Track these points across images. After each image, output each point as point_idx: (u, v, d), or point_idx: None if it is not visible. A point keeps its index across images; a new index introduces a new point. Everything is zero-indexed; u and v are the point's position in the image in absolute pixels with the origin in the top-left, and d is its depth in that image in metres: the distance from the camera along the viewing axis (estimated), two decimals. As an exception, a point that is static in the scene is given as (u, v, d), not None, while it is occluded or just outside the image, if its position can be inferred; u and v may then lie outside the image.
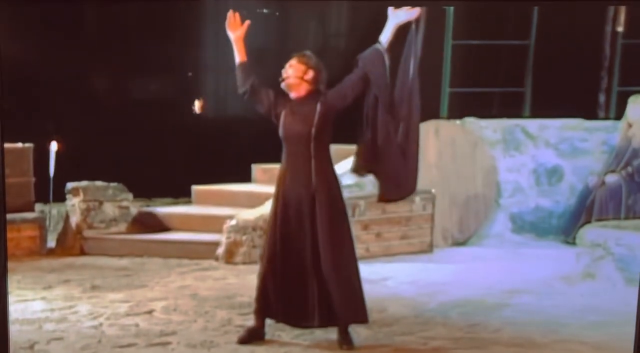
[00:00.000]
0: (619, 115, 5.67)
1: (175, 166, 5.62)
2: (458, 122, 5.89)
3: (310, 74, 4.31)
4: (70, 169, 5.53)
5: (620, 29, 5.69)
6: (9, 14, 4.40)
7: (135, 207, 5.82)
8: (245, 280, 5.17)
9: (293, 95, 4.29)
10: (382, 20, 5.05)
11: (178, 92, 5.51)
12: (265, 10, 5.23)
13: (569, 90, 5.61)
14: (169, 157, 5.61)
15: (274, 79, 5.12)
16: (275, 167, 5.77)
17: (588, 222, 5.59)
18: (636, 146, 5.58)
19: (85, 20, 5.25)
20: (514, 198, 5.90)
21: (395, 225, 5.55)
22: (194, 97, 5.50)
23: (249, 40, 4.58)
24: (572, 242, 5.53)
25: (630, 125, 5.60)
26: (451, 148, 5.84)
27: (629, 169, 5.58)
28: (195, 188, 5.94)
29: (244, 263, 5.42)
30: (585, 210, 5.66)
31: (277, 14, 5.41)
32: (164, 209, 5.91)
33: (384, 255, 5.54)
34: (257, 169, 5.99)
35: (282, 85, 4.30)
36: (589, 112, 5.82)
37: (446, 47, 5.84)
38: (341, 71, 4.92)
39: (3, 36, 3.98)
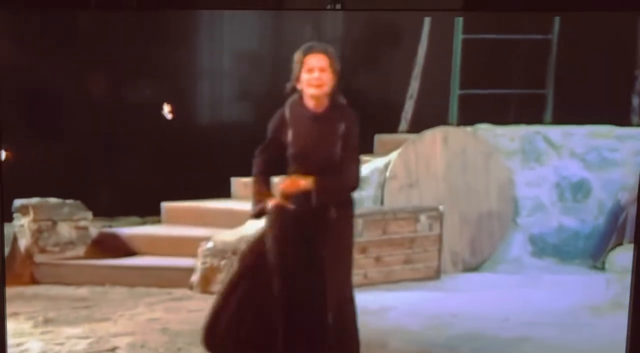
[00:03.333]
0: (654, 121, 5.69)
1: (142, 180, 5.64)
2: (469, 129, 5.93)
3: (334, 82, 4.53)
4: (19, 183, 5.54)
5: (652, 22, 5.70)
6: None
7: (95, 228, 5.84)
8: (224, 312, 5.18)
9: (313, 107, 4.48)
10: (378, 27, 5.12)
11: (146, 97, 5.54)
12: None
13: (598, 92, 5.61)
14: (135, 169, 5.63)
15: (271, 84, 5.23)
16: (259, 181, 5.83)
17: (619, 244, 5.62)
18: (674, 156, 5.61)
19: (41, 22, 5.29)
20: (534, 217, 5.92)
21: (397, 248, 5.59)
22: (163, 102, 5.53)
23: (246, 43, 4.74)
24: (601, 267, 5.57)
25: (667, 132, 5.64)
26: (461, 159, 5.87)
27: (665, 182, 5.62)
28: (165, 205, 5.95)
29: (223, 292, 5.44)
30: (616, 231, 5.68)
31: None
32: (129, 230, 5.91)
33: (385, 282, 5.57)
34: (237, 182, 6.02)
35: (312, 91, 4.47)
36: (621, 118, 5.81)
37: (456, 42, 5.88)
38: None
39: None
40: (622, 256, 5.41)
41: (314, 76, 4.63)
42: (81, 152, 5.53)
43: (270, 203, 4.66)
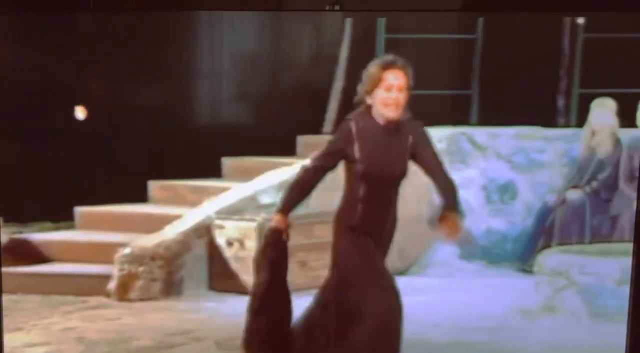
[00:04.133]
0: (581, 122, 5.74)
1: (55, 183, 5.53)
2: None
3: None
4: None
5: (581, 20, 5.75)
6: None
7: (5, 234, 5.70)
8: (144, 320, 5.13)
9: (383, 122, 4.35)
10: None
11: (59, 94, 5.43)
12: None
13: (523, 92, 5.65)
14: (48, 172, 5.52)
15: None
16: (178, 184, 5.79)
17: (548, 246, 5.67)
18: (602, 157, 5.67)
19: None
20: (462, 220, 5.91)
21: (323, 252, 5.51)
22: (77, 101, 5.44)
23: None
24: (530, 270, 5.60)
25: (594, 133, 5.70)
26: None
27: (594, 184, 5.68)
28: (79, 210, 5.85)
29: (142, 299, 5.38)
30: (544, 233, 5.74)
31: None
32: (42, 236, 5.82)
33: (311, 288, 5.50)
34: (154, 186, 5.94)
35: (388, 113, 4.34)
36: (547, 119, 5.87)
37: (378, 41, 5.87)
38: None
39: None
40: (551, 258, 5.48)
41: (391, 96, 4.38)
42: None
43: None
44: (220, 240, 5.60)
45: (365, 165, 4.34)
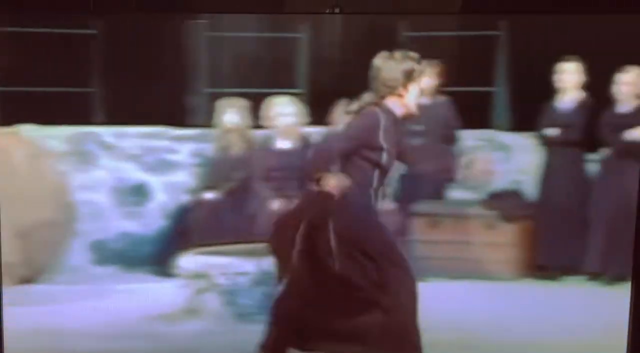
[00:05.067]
0: (210, 122, 5.68)
1: None
2: (12, 130, 5.56)
3: None
4: None
5: (203, 20, 5.73)
6: None
7: None
8: None
9: (403, 113, 4.71)
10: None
11: None
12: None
13: (151, 91, 5.54)
14: None
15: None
16: None
17: (187, 248, 5.54)
18: (235, 157, 5.66)
19: None
20: (93, 223, 5.67)
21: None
22: None
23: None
24: (168, 273, 5.48)
25: (225, 133, 5.66)
26: (6, 163, 5.52)
27: (231, 183, 5.64)
28: None
29: None
30: (182, 234, 5.63)
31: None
32: None
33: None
34: None
35: (415, 105, 4.68)
36: (177, 118, 5.78)
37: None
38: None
39: None
40: (189, 260, 5.40)
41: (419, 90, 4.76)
42: None
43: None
44: None
45: (388, 154, 4.61)
